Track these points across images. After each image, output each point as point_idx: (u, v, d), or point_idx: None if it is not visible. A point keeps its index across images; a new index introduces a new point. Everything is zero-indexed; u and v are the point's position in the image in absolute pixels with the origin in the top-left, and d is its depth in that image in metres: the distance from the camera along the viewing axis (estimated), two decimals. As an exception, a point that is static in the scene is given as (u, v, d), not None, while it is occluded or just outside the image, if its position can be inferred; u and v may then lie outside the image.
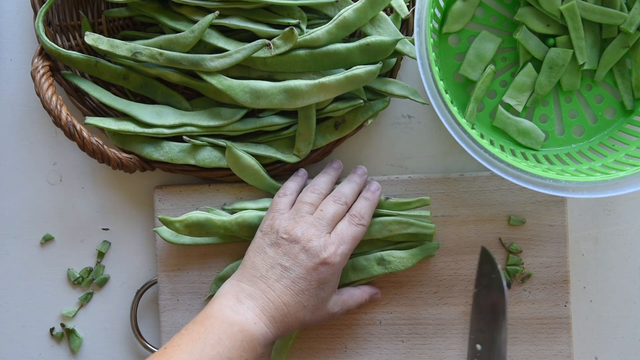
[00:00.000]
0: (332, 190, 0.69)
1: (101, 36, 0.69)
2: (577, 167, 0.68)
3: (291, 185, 0.69)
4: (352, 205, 0.68)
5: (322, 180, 0.69)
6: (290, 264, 0.63)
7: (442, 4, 0.72)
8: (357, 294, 0.69)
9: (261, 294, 0.62)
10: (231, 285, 0.64)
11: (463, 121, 0.62)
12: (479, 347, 0.68)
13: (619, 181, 0.62)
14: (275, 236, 0.64)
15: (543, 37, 0.72)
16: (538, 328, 0.71)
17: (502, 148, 0.71)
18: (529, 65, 0.72)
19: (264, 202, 0.71)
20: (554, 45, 0.71)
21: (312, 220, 0.65)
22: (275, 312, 0.62)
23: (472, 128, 0.71)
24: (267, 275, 0.63)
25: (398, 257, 0.69)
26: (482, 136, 0.71)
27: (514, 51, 0.73)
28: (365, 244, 0.70)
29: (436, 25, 0.72)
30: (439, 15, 0.72)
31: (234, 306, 0.61)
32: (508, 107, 0.73)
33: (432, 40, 0.64)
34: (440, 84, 0.62)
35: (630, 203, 0.74)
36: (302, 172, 0.71)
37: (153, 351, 0.74)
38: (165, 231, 0.71)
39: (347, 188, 0.68)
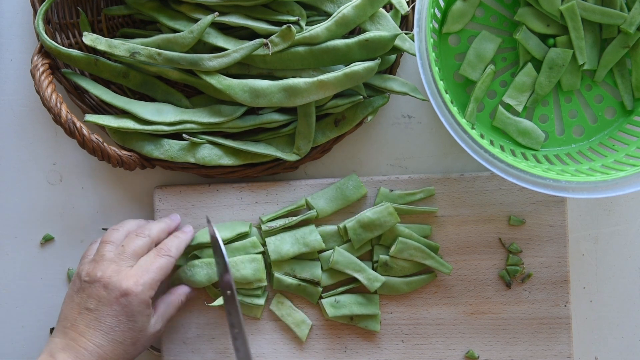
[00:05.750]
0: (163, 239, 0.69)
1: (99, 36, 0.69)
2: (577, 167, 0.68)
3: (112, 234, 0.67)
4: (159, 242, 0.67)
5: (131, 223, 0.69)
6: (95, 305, 0.62)
7: (442, 4, 0.72)
8: (172, 300, 0.68)
9: (74, 344, 0.61)
10: (47, 343, 0.63)
11: (463, 121, 0.62)
12: (235, 330, 0.68)
13: (619, 181, 0.62)
14: (79, 282, 0.64)
15: (543, 37, 0.72)
16: (538, 328, 0.71)
17: (502, 148, 0.71)
18: (529, 65, 0.72)
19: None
20: (554, 45, 0.71)
21: (112, 257, 0.64)
22: (92, 358, 0.61)
23: (472, 128, 0.71)
24: (76, 323, 0.62)
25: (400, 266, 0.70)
26: (482, 136, 0.71)
27: (514, 51, 0.73)
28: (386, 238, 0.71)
29: (436, 25, 0.72)
30: (439, 15, 0.72)
31: None
32: (508, 107, 0.73)
33: (432, 40, 0.64)
34: (440, 84, 0.62)
35: (630, 203, 0.74)
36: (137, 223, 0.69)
37: (153, 351, 0.74)
38: None
39: (154, 224, 0.68)
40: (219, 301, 0.69)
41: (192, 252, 0.71)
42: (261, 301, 0.71)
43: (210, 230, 0.69)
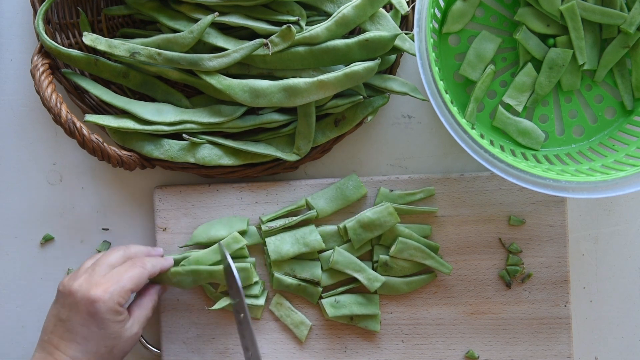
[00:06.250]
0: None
1: (99, 36, 0.69)
2: (577, 167, 0.68)
3: (104, 257, 0.67)
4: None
5: (125, 247, 0.68)
6: (66, 315, 0.62)
7: (442, 4, 0.72)
8: (145, 302, 0.68)
9: (50, 358, 0.61)
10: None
11: (463, 121, 0.62)
12: (249, 353, 0.68)
13: (619, 181, 0.62)
14: (56, 294, 0.64)
15: (543, 37, 0.72)
16: (538, 328, 0.71)
17: (502, 148, 0.71)
18: (529, 65, 0.72)
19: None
20: (554, 45, 0.71)
21: (88, 270, 0.64)
22: None
23: (472, 128, 0.71)
24: (51, 335, 0.62)
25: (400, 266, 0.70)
26: (482, 136, 0.71)
27: (514, 51, 0.73)
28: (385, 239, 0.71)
29: (436, 25, 0.72)
30: (439, 15, 0.72)
31: None
32: (508, 107, 0.73)
33: (432, 40, 0.64)
34: (440, 84, 0.62)
35: (630, 203, 0.74)
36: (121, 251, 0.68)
37: (153, 351, 0.74)
38: None
39: (134, 245, 0.68)
40: (220, 303, 0.69)
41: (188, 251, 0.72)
42: (261, 301, 0.71)
43: (224, 262, 0.69)
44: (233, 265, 0.68)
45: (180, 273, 0.69)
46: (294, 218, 0.71)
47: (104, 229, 0.76)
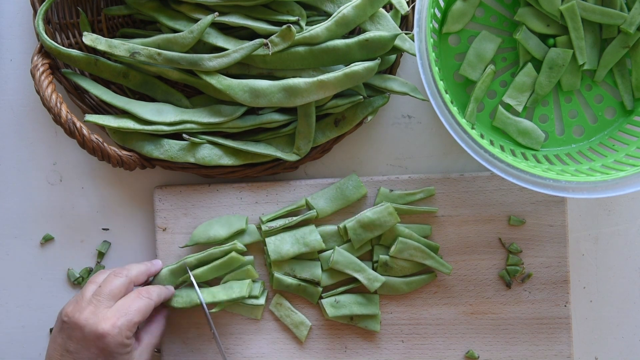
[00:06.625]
0: (143, 280, 0.69)
1: (99, 36, 0.69)
2: (577, 167, 0.68)
3: (98, 275, 0.67)
4: (138, 283, 0.67)
5: (124, 268, 0.68)
6: (74, 347, 0.62)
7: (442, 4, 0.72)
8: (154, 329, 0.68)
9: None
10: None
11: (463, 121, 0.62)
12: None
13: (619, 181, 0.62)
14: (61, 323, 0.64)
15: (543, 37, 0.72)
16: (538, 328, 0.71)
17: (502, 148, 0.71)
18: (529, 65, 0.72)
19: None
20: (554, 45, 0.71)
21: (90, 297, 0.64)
22: None
23: (472, 128, 0.71)
24: None
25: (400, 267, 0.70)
26: (482, 136, 0.71)
27: (514, 51, 0.73)
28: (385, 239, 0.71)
29: (436, 25, 0.72)
30: (439, 15, 0.72)
31: None
32: (508, 107, 0.73)
33: (432, 40, 0.64)
34: (440, 84, 0.62)
35: (630, 203, 0.74)
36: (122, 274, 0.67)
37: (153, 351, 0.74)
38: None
39: (134, 266, 0.68)
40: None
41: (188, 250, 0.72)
42: (261, 301, 0.71)
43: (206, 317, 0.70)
44: (200, 294, 0.69)
45: (181, 299, 0.70)
46: (294, 218, 0.71)
47: (104, 229, 0.76)
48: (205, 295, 0.69)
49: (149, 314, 0.65)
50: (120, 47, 0.68)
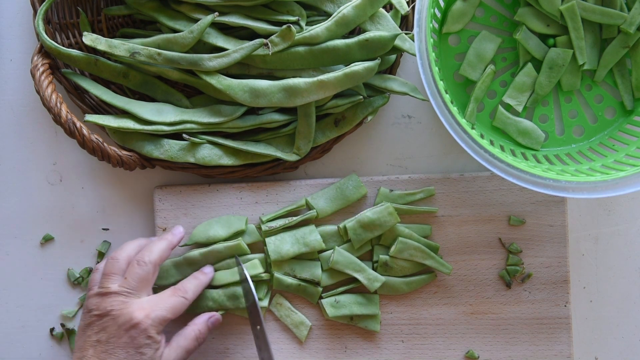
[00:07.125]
0: (167, 257, 0.68)
1: (99, 36, 0.69)
2: (577, 167, 0.68)
3: (113, 265, 0.66)
4: (163, 261, 0.67)
5: (131, 247, 0.67)
6: (106, 337, 0.62)
7: (442, 4, 0.72)
8: (189, 332, 0.67)
9: None
10: None
11: (463, 121, 0.62)
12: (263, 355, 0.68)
13: (619, 181, 0.62)
14: (89, 316, 0.64)
15: (543, 37, 0.72)
16: (538, 328, 0.71)
17: (502, 148, 0.71)
18: (529, 65, 0.72)
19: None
20: (554, 45, 0.71)
21: (117, 289, 0.64)
22: None
23: (472, 128, 0.71)
24: (88, 355, 0.62)
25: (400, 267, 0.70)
26: (482, 136, 0.71)
27: (514, 51, 0.73)
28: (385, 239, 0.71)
29: (436, 25, 0.72)
30: (439, 15, 0.72)
31: None
32: (508, 107, 0.73)
33: (432, 40, 0.64)
34: (440, 84, 0.62)
35: (630, 203, 0.74)
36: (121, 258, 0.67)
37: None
38: None
39: (154, 245, 0.67)
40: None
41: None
42: (264, 303, 0.71)
43: (240, 273, 0.70)
44: (252, 286, 0.69)
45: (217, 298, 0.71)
46: (294, 218, 0.71)
47: (104, 229, 0.76)
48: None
49: (181, 312, 0.65)
50: (120, 47, 0.68)
